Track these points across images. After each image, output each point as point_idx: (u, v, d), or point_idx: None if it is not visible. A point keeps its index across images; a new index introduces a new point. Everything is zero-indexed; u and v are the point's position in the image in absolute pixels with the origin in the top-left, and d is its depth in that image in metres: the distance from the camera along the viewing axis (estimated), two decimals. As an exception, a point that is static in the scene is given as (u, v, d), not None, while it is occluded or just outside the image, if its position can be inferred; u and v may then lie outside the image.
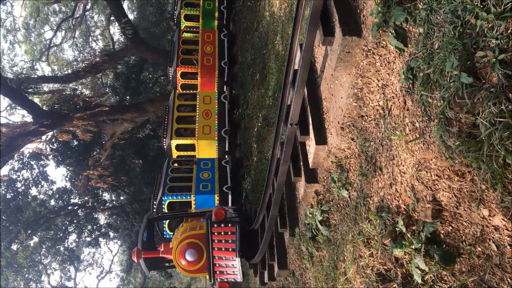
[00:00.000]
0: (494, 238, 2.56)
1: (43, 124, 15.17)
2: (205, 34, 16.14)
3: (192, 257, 8.84)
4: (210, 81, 15.17)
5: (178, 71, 14.94)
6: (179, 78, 15.01)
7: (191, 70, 15.12)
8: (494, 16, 2.23)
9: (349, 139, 4.54)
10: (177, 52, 15.21)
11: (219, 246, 8.75)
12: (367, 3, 3.79)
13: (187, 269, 9.01)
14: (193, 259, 8.85)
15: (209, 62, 15.33)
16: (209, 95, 14.36)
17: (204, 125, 14.00)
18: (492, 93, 2.26)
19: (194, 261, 8.90)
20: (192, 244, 8.93)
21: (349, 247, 4.46)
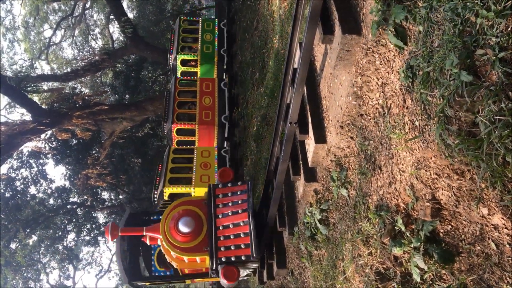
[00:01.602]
0: (494, 237, 2.56)
1: (42, 122, 15.16)
2: (203, 83, 14.19)
3: (188, 227, 6.61)
4: (209, 138, 13.69)
5: (173, 128, 13.36)
6: (175, 135, 13.43)
7: (188, 126, 13.49)
8: (494, 14, 2.22)
9: (349, 138, 4.53)
10: (173, 105, 13.56)
11: (225, 211, 6.75)
12: (366, 1, 3.79)
13: (180, 246, 6.72)
14: (188, 230, 6.61)
15: (207, 117, 13.62)
16: (207, 150, 12.98)
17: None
18: (492, 91, 2.25)
19: (190, 234, 6.66)
20: (188, 212, 6.86)
21: (348, 246, 4.46)
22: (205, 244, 6.65)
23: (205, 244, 6.65)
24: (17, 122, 16.19)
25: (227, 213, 6.71)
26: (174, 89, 13.90)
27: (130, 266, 8.23)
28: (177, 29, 15.18)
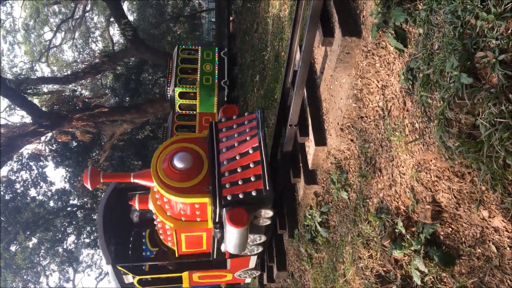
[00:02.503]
0: (494, 239, 2.55)
1: (42, 125, 15.16)
2: (203, 118, 13.55)
3: (184, 162, 5.28)
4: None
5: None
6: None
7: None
8: (494, 16, 2.23)
9: (349, 140, 4.53)
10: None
11: (230, 144, 5.46)
12: (367, 3, 3.79)
13: (175, 187, 5.22)
14: (185, 165, 5.27)
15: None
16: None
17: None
18: (492, 93, 2.25)
19: (188, 171, 5.30)
20: (185, 148, 5.58)
21: (348, 249, 4.45)
22: (206, 184, 5.28)
23: (206, 184, 5.28)
24: (17, 124, 16.19)
25: (232, 145, 5.42)
26: (172, 124, 13.60)
27: (116, 246, 6.81)
28: (175, 58, 14.29)
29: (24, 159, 21.22)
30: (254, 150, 5.25)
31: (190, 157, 5.37)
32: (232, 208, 5.01)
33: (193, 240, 6.16)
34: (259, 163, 5.18)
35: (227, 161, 5.33)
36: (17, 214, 19.82)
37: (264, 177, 5.09)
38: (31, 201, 21.57)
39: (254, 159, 5.22)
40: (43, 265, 23.08)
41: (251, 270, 7.83)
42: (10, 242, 19.50)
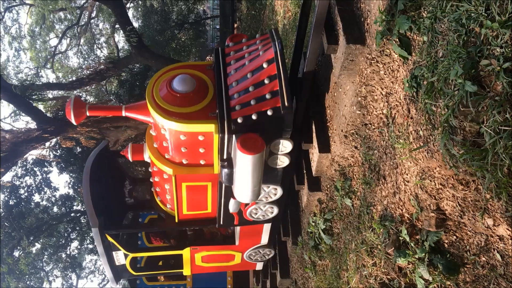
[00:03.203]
0: (499, 248, 2.54)
1: (47, 130, 15.21)
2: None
3: (187, 84, 4.42)
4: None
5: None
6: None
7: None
8: (498, 24, 2.23)
9: (353, 147, 4.53)
10: None
11: (239, 65, 4.60)
12: (371, 11, 3.80)
13: (175, 112, 4.33)
14: (188, 88, 4.41)
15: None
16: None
17: None
18: (496, 101, 2.25)
19: (191, 95, 4.43)
20: (186, 72, 4.66)
21: (352, 256, 4.44)
22: (211, 109, 4.39)
23: (211, 109, 4.39)
24: (22, 130, 16.26)
25: (242, 65, 4.58)
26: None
27: (105, 216, 5.79)
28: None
29: (28, 164, 21.29)
30: (269, 63, 4.37)
31: (192, 80, 4.51)
32: (244, 134, 4.16)
33: (196, 196, 5.25)
34: (275, 78, 4.29)
35: (236, 83, 4.48)
36: (21, 219, 19.85)
37: (282, 92, 4.20)
38: (35, 207, 21.61)
39: (270, 73, 4.33)
40: (46, 270, 23.08)
41: (263, 249, 6.78)
42: (14, 247, 19.52)
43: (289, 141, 4.50)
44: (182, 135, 4.45)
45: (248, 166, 4.13)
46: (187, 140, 4.51)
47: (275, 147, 4.52)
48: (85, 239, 23.78)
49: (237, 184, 4.43)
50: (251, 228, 6.17)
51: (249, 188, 4.37)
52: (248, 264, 7.13)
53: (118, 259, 6.24)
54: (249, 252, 6.81)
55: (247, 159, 4.05)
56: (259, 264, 7.35)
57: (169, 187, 5.25)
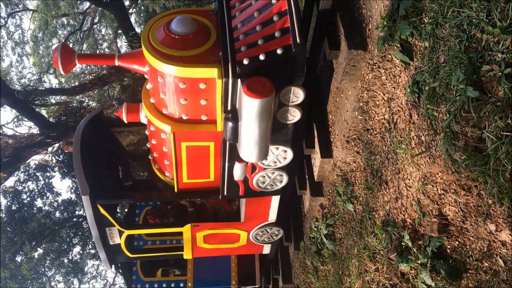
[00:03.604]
0: (501, 253, 2.54)
1: (50, 135, 15.25)
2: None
3: (186, 26, 3.98)
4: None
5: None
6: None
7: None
8: (500, 30, 2.24)
9: (355, 153, 4.53)
10: None
11: (244, 6, 4.11)
12: (372, 17, 3.81)
13: (174, 55, 3.88)
14: (188, 29, 3.97)
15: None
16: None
17: None
18: (498, 107, 2.25)
19: (191, 37, 4.01)
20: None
21: (354, 262, 4.43)
22: (214, 53, 3.97)
23: (214, 53, 3.97)
24: (24, 135, 16.31)
25: (248, 5, 4.07)
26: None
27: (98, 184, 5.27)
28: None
29: (31, 169, 21.33)
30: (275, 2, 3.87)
31: (192, 23, 4.05)
32: (251, 77, 3.68)
33: (197, 159, 4.74)
34: (285, 14, 3.80)
35: (241, 24, 4.01)
36: (23, 224, 19.87)
37: (293, 29, 3.72)
38: (37, 212, 21.64)
39: (279, 9, 3.86)
40: (48, 275, 23.08)
41: (271, 228, 6.12)
42: (16, 252, 19.53)
43: (300, 89, 3.95)
44: (181, 83, 3.96)
45: (255, 113, 3.60)
46: (187, 89, 4.02)
47: (285, 96, 3.99)
48: (87, 244, 23.76)
49: (243, 138, 3.90)
50: (258, 202, 5.55)
51: (256, 142, 3.83)
52: (254, 246, 6.51)
53: (112, 237, 5.68)
54: (256, 231, 6.14)
55: (254, 104, 3.55)
56: (266, 247, 6.67)
57: (167, 150, 4.73)
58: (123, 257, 6.03)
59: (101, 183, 5.35)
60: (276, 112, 4.05)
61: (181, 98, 4.07)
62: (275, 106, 3.90)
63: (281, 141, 4.45)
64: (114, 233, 5.63)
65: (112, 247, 5.79)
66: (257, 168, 4.75)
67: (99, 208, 5.23)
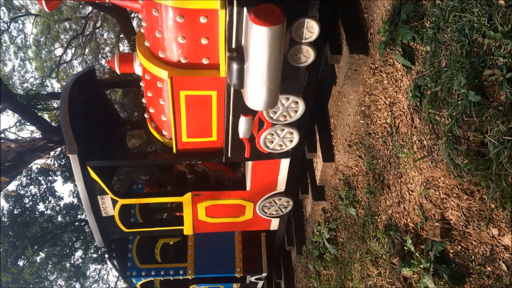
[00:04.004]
0: (504, 258, 2.53)
1: (52, 140, 15.29)
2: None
3: None
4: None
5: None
6: None
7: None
8: (501, 34, 2.24)
9: (357, 157, 4.53)
10: None
11: None
12: (374, 21, 3.82)
13: None
14: None
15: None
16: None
17: None
18: (500, 111, 2.25)
19: None
20: None
21: (357, 266, 4.42)
22: None
23: None
24: (27, 139, 16.35)
25: None
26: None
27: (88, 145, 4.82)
28: None
29: (33, 173, 21.36)
30: None
31: None
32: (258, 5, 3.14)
33: (197, 112, 4.27)
34: None
35: None
36: (25, 228, 19.89)
37: None
38: (40, 216, 21.66)
39: None
40: (50, 280, 23.07)
41: (279, 198, 5.54)
42: (18, 256, 19.54)
43: (315, 22, 3.45)
44: (179, 16, 3.54)
45: (264, 46, 3.09)
46: (185, 23, 3.57)
47: (298, 32, 3.49)
48: (89, 248, 23.77)
49: (249, 81, 3.41)
50: (265, 166, 4.99)
51: (265, 84, 3.30)
52: (261, 221, 5.90)
53: (105, 208, 5.17)
54: (263, 202, 5.54)
55: (262, 34, 3.05)
56: (274, 222, 6.03)
57: (164, 103, 4.25)
58: (117, 231, 5.46)
59: (91, 143, 4.85)
60: (287, 52, 3.60)
61: (179, 35, 3.63)
62: (285, 43, 3.46)
63: (292, 90, 3.91)
64: (107, 203, 5.13)
65: (105, 220, 5.28)
66: (264, 123, 4.23)
67: (90, 171, 4.73)
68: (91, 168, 4.73)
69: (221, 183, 5.85)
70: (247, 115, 4.02)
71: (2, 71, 21.20)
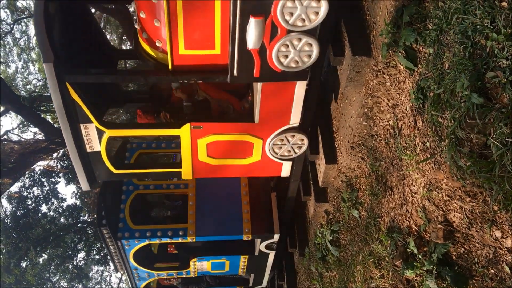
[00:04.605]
0: (507, 260, 2.52)
1: (55, 141, 15.32)
2: None
3: None
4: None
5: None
6: None
7: None
8: (504, 37, 2.24)
9: (359, 159, 4.52)
10: None
11: None
12: (377, 23, 3.82)
13: None
14: None
15: None
16: None
17: None
18: (503, 113, 2.25)
19: None
20: None
21: (359, 268, 4.41)
22: None
23: None
24: (30, 141, 16.39)
25: None
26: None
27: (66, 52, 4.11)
28: None
29: (36, 175, 21.40)
30: None
31: None
32: None
33: (198, 16, 3.57)
34: None
35: None
36: (28, 230, 19.92)
37: None
38: (42, 217, 21.70)
39: None
40: (53, 281, 23.10)
41: (293, 135, 4.70)
42: (21, 258, 19.58)
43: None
44: None
45: None
46: None
47: None
48: (91, 250, 23.80)
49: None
50: (277, 91, 4.25)
51: None
52: (271, 163, 5.07)
53: (90, 140, 4.40)
54: (274, 139, 4.72)
55: None
56: (286, 166, 5.18)
57: (157, 1, 3.58)
58: (105, 173, 4.74)
59: (73, 61, 4.16)
60: None
61: None
62: None
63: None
64: (92, 135, 4.32)
65: (90, 157, 4.52)
66: (278, 30, 3.50)
67: (69, 89, 3.97)
68: (71, 86, 3.96)
69: (226, 115, 5.11)
70: (257, 16, 3.39)
71: (5, 72, 21.24)
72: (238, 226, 6.30)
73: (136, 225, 6.14)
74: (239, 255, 7.00)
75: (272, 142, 4.74)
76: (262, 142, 4.76)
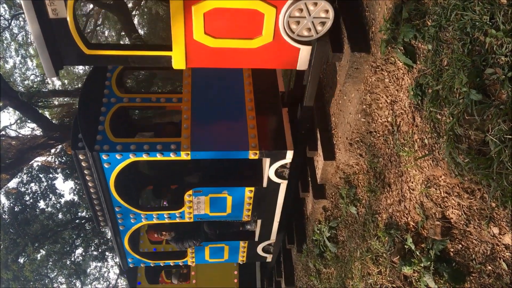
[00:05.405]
0: (505, 256, 2.53)
1: (53, 137, 15.29)
2: None
3: None
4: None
5: None
6: None
7: None
8: (503, 33, 2.23)
9: (358, 155, 4.53)
10: None
11: None
12: (376, 19, 3.82)
13: None
14: None
15: None
16: None
17: None
18: (501, 110, 2.25)
19: None
20: None
21: (357, 264, 4.42)
22: None
23: None
24: (27, 137, 16.35)
25: None
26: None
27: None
28: None
29: (33, 171, 21.37)
30: None
31: None
32: None
33: None
34: None
35: None
36: (26, 226, 19.91)
37: None
38: (40, 213, 21.68)
39: None
40: (51, 277, 23.11)
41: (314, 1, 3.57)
42: (19, 254, 19.57)
43: None
44: None
45: None
46: None
47: None
48: (89, 246, 23.81)
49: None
50: None
51: None
52: (285, 47, 3.98)
53: (53, 4, 3.33)
54: (291, 7, 3.60)
55: None
56: (304, 53, 4.09)
57: None
58: (74, 54, 3.72)
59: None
60: None
61: None
62: None
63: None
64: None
65: (55, 28, 3.46)
66: None
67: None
68: None
69: None
70: None
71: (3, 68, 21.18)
72: (243, 141, 5.09)
73: (118, 137, 5.07)
74: (244, 186, 5.66)
75: (289, 12, 3.63)
76: (275, 12, 3.65)
